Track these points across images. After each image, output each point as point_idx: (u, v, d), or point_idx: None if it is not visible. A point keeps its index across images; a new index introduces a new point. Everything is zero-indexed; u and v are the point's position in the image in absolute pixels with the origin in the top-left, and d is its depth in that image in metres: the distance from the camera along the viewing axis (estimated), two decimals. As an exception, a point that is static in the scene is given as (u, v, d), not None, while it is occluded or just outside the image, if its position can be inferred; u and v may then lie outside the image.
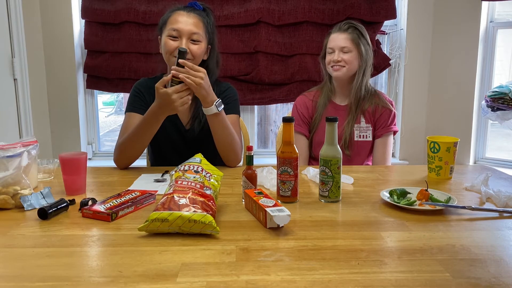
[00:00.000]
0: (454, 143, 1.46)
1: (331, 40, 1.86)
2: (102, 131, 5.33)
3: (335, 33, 1.85)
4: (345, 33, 1.82)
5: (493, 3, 2.57)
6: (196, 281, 0.77)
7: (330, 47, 1.85)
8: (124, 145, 1.55)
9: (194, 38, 1.54)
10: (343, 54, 1.81)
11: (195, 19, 1.55)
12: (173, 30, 1.53)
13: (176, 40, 1.53)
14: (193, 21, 1.54)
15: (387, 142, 1.91)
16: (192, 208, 0.97)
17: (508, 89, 2.23)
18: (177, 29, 1.52)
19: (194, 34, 1.53)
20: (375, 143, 1.92)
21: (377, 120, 1.90)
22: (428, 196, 1.19)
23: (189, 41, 1.53)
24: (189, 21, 1.54)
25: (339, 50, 1.82)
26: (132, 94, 1.69)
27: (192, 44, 1.54)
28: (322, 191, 1.22)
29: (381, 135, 1.90)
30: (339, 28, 1.85)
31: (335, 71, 1.84)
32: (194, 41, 1.54)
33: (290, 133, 1.19)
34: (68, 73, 2.70)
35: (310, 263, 0.84)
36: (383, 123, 1.90)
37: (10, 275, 0.79)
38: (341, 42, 1.81)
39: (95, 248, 0.92)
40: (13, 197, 1.15)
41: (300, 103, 1.97)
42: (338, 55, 1.81)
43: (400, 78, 2.82)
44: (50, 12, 2.63)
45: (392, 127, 1.91)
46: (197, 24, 1.55)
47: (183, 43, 1.52)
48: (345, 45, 1.81)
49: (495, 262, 0.85)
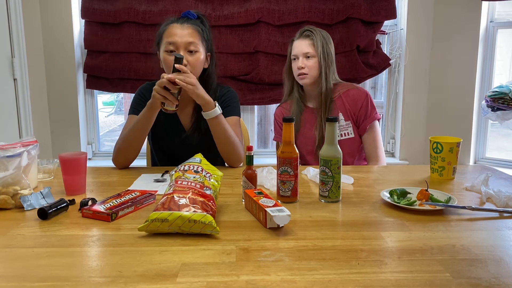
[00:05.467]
0: (457, 144, 1.45)
1: (294, 47, 1.87)
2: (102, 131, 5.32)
3: (297, 40, 1.87)
4: (306, 39, 1.84)
5: (493, 3, 2.57)
6: (196, 281, 0.77)
7: (294, 54, 1.87)
8: (119, 143, 1.60)
9: (191, 48, 1.55)
10: (307, 60, 1.83)
11: (189, 29, 1.56)
12: (169, 44, 1.54)
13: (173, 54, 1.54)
14: (188, 32, 1.55)
15: (375, 132, 1.88)
16: (192, 208, 0.97)
17: (508, 89, 2.23)
18: (173, 42, 1.53)
19: (190, 45, 1.54)
20: (363, 139, 1.90)
21: (357, 113, 1.87)
22: (428, 196, 1.19)
23: (186, 53, 1.54)
24: (184, 33, 1.54)
25: (302, 57, 1.83)
26: (136, 97, 1.72)
27: (189, 56, 1.55)
28: (322, 191, 1.22)
29: (366, 128, 1.87)
30: (300, 35, 1.87)
31: (302, 79, 1.86)
32: (191, 52, 1.55)
33: (290, 133, 1.19)
34: (68, 73, 2.70)
35: (310, 263, 0.84)
36: (363, 114, 1.87)
37: (10, 275, 0.79)
38: (304, 48, 1.83)
39: (95, 248, 0.92)
40: (13, 197, 1.15)
41: (279, 114, 2.01)
42: (302, 61, 1.83)
43: (400, 78, 2.82)
44: (50, 12, 2.64)
45: (374, 115, 1.87)
46: (192, 34, 1.55)
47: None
48: (307, 50, 1.82)
49: (495, 262, 0.85)
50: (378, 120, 1.90)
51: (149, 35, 2.61)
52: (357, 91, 1.89)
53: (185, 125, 1.70)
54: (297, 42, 1.87)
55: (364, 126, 1.88)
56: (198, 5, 2.59)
